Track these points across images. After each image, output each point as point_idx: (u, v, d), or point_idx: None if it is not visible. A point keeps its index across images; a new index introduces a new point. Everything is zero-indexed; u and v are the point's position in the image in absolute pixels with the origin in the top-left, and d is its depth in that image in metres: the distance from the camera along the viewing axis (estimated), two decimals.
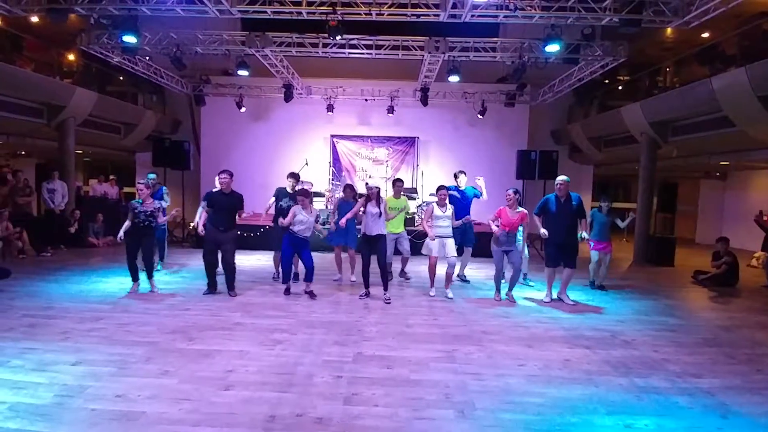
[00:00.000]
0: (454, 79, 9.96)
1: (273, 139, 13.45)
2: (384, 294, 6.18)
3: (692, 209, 15.71)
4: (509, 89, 12.39)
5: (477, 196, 7.38)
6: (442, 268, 6.44)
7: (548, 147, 12.53)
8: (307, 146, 13.18)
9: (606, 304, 6.28)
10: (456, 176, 7.47)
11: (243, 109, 12.88)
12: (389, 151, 13.35)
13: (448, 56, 9.49)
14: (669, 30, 11.03)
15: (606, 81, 13.06)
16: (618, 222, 7.18)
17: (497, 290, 6.32)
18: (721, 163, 11.58)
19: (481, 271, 8.31)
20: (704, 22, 6.99)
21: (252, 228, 9.75)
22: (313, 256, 6.24)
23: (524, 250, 6.70)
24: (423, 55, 9.70)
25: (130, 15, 7.42)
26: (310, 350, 4.22)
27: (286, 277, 6.26)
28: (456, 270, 6.69)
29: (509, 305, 6.05)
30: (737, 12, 7.71)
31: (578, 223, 6.16)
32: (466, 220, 6.79)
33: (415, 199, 11.25)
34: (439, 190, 6.43)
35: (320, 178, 12.46)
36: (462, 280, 7.44)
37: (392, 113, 12.92)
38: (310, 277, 6.17)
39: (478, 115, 12.77)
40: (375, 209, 6.10)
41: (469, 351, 4.31)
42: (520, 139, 13.38)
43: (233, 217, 6.11)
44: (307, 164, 10.90)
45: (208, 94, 13.02)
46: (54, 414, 2.97)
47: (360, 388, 3.46)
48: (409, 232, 7.51)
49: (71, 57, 11.67)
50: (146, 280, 6.19)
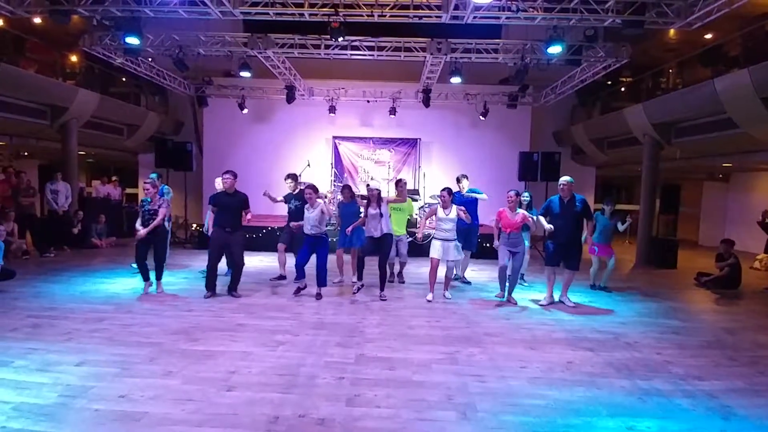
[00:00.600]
0: (456, 80, 9.97)
1: (275, 141, 13.46)
2: (380, 294, 6.22)
3: (695, 211, 15.66)
4: (511, 91, 12.38)
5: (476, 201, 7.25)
6: (443, 271, 6.43)
7: (551, 148, 12.49)
8: (309, 148, 13.19)
9: (609, 306, 6.27)
10: (458, 180, 7.39)
11: (245, 111, 12.89)
12: (391, 152, 13.35)
13: (451, 58, 9.47)
14: (672, 31, 11.04)
15: (609, 82, 13.04)
16: (619, 225, 7.17)
17: (501, 288, 6.30)
18: (725, 164, 11.55)
19: (483, 272, 8.30)
20: (707, 23, 6.98)
21: (254, 229, 9.75)
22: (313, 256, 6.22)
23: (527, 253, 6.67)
24: (425, 57, 9.70)
25: (132, 16, 7.44)
26: (312, 351, 4.23)
27: (300, 274, 6.19)
28: (456, 271, 6.67)
29: (511, 307, 6.05)
30: (740, 13, 7.67)
31: (584, 224, 6.13)
32: (465, 218, 6.67)
33: (416, 200, 11.24)
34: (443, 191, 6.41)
35: (322, 180, 12.46)
36: (463, 282, 7.42)
37: (394, 115, 12.93)
38: (322, 281, 6.18)
39: (481, 117, 12.76)
40: (375, 210, 6.11)
41: (471, 353, 4.31)
42: (523, 140, 13.36)
43: (239, 218, 6.13)
44: (309, 165, 10.91)
45: (211, 96, 13.03)
46: (57, 414, 2.99)
47: (362, 390, 3.46)
48: (410, 234, 7.49)
49: (74, 58, 11.69)
50: (155, 280, 6.23)
